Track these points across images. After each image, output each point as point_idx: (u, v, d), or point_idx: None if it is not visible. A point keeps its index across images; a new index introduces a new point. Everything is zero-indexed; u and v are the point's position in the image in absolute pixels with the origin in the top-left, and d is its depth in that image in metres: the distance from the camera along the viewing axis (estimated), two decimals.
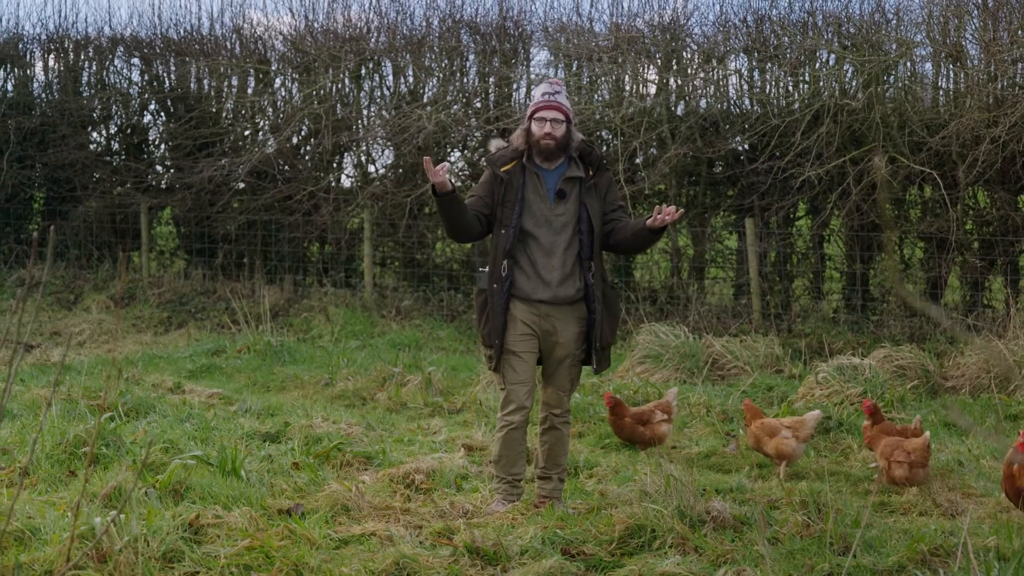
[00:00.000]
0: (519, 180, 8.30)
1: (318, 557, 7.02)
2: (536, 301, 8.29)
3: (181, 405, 11.83)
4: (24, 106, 22.74)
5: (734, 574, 6.70)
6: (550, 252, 8.28)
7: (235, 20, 21.93)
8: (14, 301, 19.65)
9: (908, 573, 6.81)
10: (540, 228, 8.29)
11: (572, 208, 8.33)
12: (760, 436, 9.73)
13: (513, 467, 8.41)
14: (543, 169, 8.36)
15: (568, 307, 8.34)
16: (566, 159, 8.38)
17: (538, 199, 8.31)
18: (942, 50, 16.20)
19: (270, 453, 9.75)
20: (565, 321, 8.34)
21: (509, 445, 8.37)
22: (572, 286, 8.30)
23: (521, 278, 8.32)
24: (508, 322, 8.31)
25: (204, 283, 20.27)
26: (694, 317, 16.32)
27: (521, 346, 8.29)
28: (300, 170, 20.19)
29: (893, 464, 8.81)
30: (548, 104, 8.31)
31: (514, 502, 8.34)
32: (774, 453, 9.65)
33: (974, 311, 15.51)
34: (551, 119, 8.27)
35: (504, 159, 8.40)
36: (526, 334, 8.30)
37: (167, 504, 7.88)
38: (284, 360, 15.01)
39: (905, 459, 8.81)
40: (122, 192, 21.97)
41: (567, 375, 8.45)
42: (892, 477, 8.84)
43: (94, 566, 6.72)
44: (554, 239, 8.29)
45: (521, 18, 19.22)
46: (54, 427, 9.66)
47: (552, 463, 8.48)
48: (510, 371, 8.32)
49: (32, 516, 7.56)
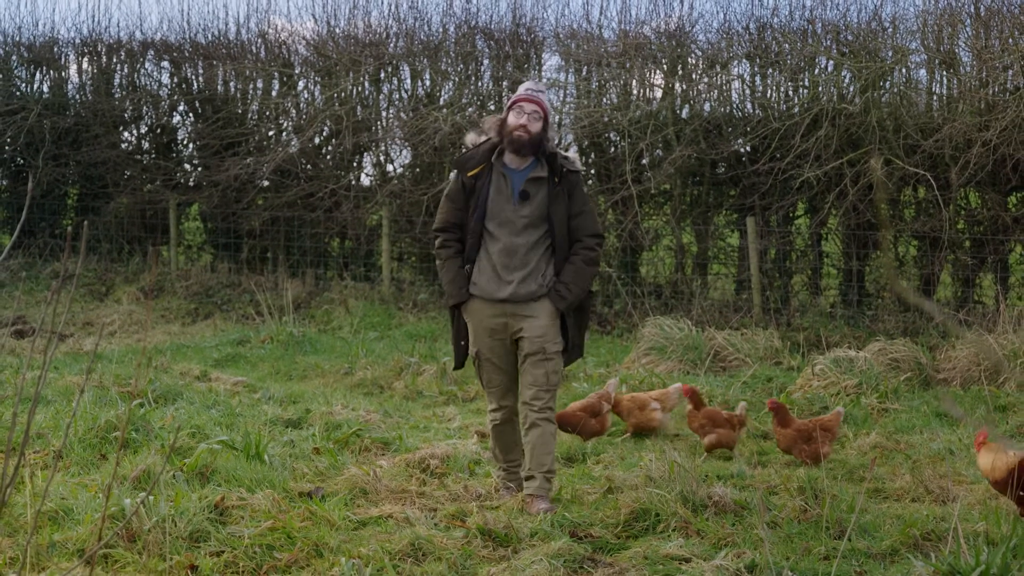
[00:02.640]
0: (485, 181, 8.02)
1: (337, 538, 7.02)
2: (499, 301, 8.01)
3: (207, 392, 11.84)
4: (59, 107, 22.76)
5: (735, 556, 6.69)
6: (511, 252, 7.97)
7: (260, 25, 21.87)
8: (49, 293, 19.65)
9: (901, 556, 6.80)
10: (502, 228, 8.00)
11: (537, 211, 8.00)
12: (631, 409, 10.46)
13: (509, 453, 8.34)
14: (511, 169, 8.06)
15: (534, 303, 8.02)
16: (534, 160, 8.07)
17: (502, 199, 8.01)
18: (936, 57, 16.18)
19: (292, 439, 9.76)
20: (531, 317, 8.00)
21: (498, 437, 8.33)
22: (534, 282, 7.99)
23: (482, 279, 8.06)
24: (476, 327, 8.10)
25: (230, 276, 20.28)
26: (697, 311, 16.31)
27: (492, 353, 8.11)
28: (322, 169, 20.20)
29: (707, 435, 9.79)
30: (529, 97, 8.07)
31: (518, 483, 8.27)
32: (645, 423, 10.48)
33: (965, 307, 15.49)
34: (529, 112, 7.99)
35: (473, 162, 8.11)
36: (496, 340, 8.09)
37: (194, 486, 7.89)
38: (306, 350, 15.02)
39: (712, 430, 9.77)
40: (152, 189, 21.99)
41: (540, 369, 8.02)
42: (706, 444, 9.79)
43: (124, 545, 6.73)
44: (515, 240, 7.98)
45: (533, 25, 19.22)
46: (86, 413, 9.68)
47: (536, 463, 8.06)
48: (485, 376, 8.20)
49: (65, 497, 7.58)
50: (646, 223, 17.99)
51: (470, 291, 8.08)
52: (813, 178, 16.05)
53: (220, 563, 6.57)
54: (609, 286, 17.88)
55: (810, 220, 17.30)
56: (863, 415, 11.01)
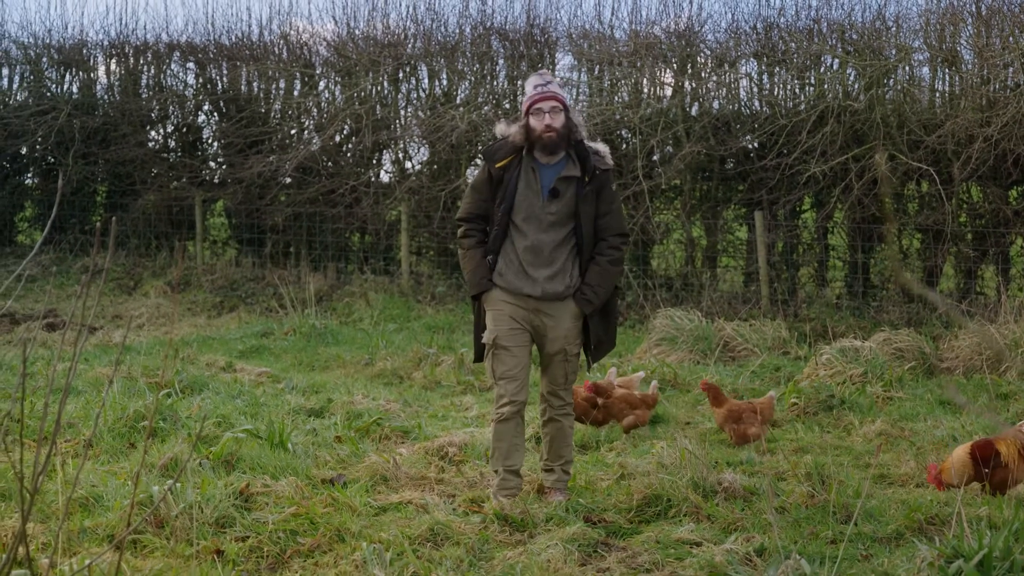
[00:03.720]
0: (513, 174, 7.61)
1: (359, 523, 7.02)
2: (524, 296, 7.63)
3: (232, 383, 11.86)
4: (88, 107, 22.81)
5: (744, 540, 6.69)
6: (537, 250, 7.57)
7: (282, 27, 21.91)
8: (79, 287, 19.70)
9: (906, 540, 6.79)
10: (529, 224, 7.59)
11: (565, 208, 7.60)
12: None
13: (507, 459, 7.76)
14: (541, 164, 7.65)
15: (559, 303, 7.65)
16: (565, 155, 7.66)
17: (531, 194, 7.60)
18: (938, 55, 16.14)
19: (314, 427, 9.77)
20: (557, 317, 7.66)
21: (500, 437, 7.74)
22: (561, 282, 7.61)
23: (508, 272, 7.64)
24: (496, 315, 7.69)
25: (254, 270, 20.32)
26: (707, 303, 16.30)
27: (511, 340, 7.66)
28: (342, 166, 20.23)
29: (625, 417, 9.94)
30: (543, 96, 7.59)
31: (513, 494, 7.73)
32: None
33: (967, 298, 15.46)
34: (548, 110, 7.54)
35: (502, 153, 7.69)
36: (515, 329, 7.66)
37: (219, 474, 7.90)
38: (327, 341, 15.03)
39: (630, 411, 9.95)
40: (178, 186, 22.06)
41: (560, 369, 7.76)
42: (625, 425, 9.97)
43: (152, 530, 6.75)
44: (542, 236, 7.58)
45: (547, 25, 19.23)
46: (115, 403, 9.70)
47: (554, 455, 7.88)
48: (500, 365, 7.69)
49: (95, 484, 7.59)
50: (657, 217, 17.99)
51: (494, 281, 7.68)
52: (819, 173, 16.04)
53: (245, 548, 6.58)
54: (621, 279, 17.87)
55: (816, 214, 17.27)
56: (868, 403, 10.98)
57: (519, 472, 7.83)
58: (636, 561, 6.44)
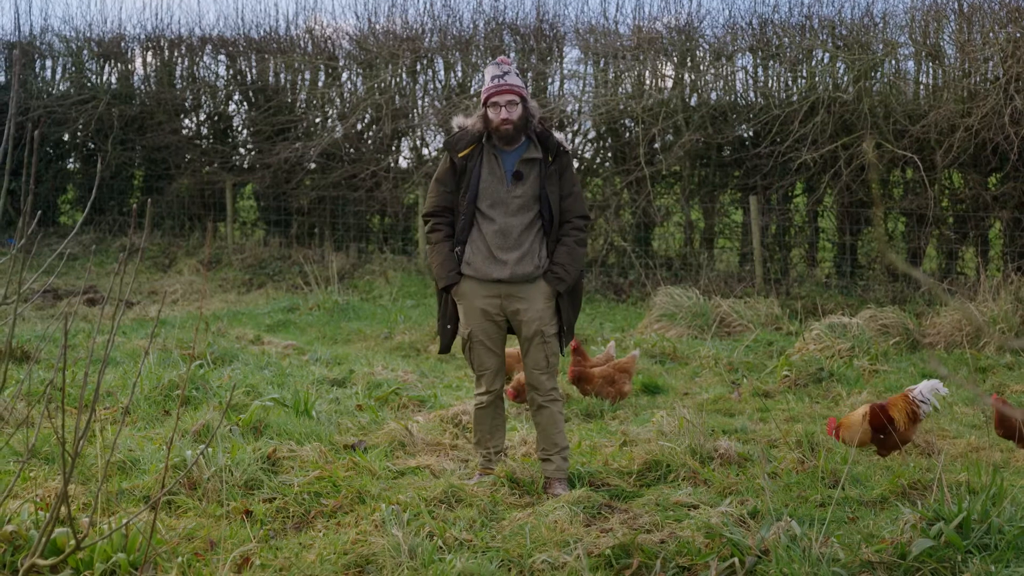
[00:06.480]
0: (476, 162, 7.25)
1: (378, 486, 7.03)
2: (494, 281, 7.24)
3: (260, 355, 11.86)
4: (126, 96, 22.83)
5: (738, 503, 6.67)
6: (506, 233, 7.18)
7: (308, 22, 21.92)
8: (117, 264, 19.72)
9: (890, 504, 6.77)
10: (495, 210, 7.21)
11: (530, 190, 7.22)
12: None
13: (492, 439, 7.54)
14: (502, 150, 7.29)
15: (529, 285, 7.26)
16: (526, 140, 7.30)
17: (495, 180, 7.23)
18: (923, 50, 16.09)
19: (337, 396, 9.77)
20: (529, 299, 7.26)
21: (480, 421, 7.51)
22: (530, 263, 7.22)
23: (476, 259, 7.25)
24: (468, 309, 7.35)
25: (280, 250, 20.34)
26: (704, 281, 16.29)
27: (484, 333, 7.35)
28: (363, 152, 20.22)
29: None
30: (499, 88, 7.19)
31: (491, 473, 7.43)
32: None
33: (949, 277, 15.42)
34: (505, 103, 7.15)
35: (464, 143, 7.32)
36: (489, 321, 7.33)
37: (248, 440, 7.91)
38: (349, 317, 15.04)
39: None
40: (210, 171, 22.09)
41: (540, 353, 7.32)
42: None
43: (185, 492, 6.75)
44: (510, 220, 7.19)
45: (555, 21, 19.21)
46: (151, 373, 9.71)
47: (548, 443, 7.39)
48: (476, 359, 7.41)
49: (132, 449, 7.61)
50: (658, 201, 18.00)
51: (462, 271, 7.30)
52: (810, 160, 16.01)
53: (272, 509, 6.58)
54: (624, 258, 17.87)
55: (807, 198, 17.24)
56: (855, 376, 10.95)
57: (501, 451, 7.66)
58: (637, 522, 6.42)
